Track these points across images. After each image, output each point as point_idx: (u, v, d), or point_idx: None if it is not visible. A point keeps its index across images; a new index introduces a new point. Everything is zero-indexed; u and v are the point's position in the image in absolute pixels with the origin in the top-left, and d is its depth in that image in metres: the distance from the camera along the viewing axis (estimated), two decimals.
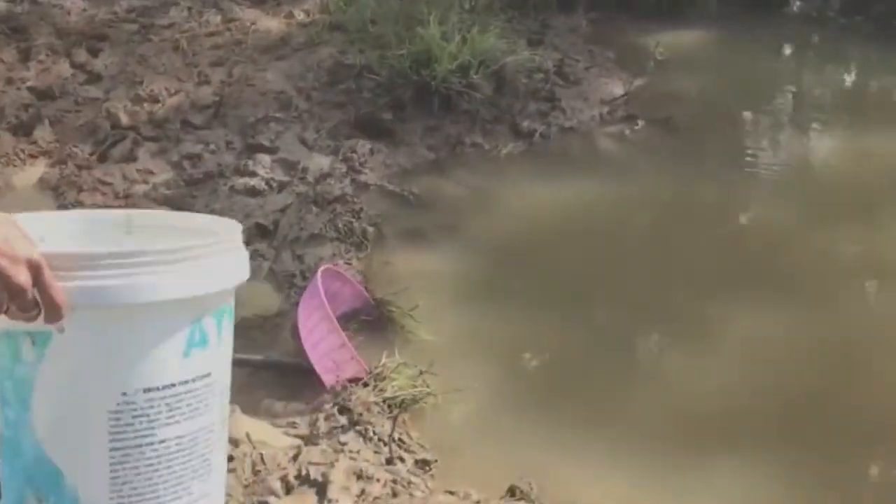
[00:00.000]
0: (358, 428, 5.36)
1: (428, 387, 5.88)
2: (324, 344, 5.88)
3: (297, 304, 6.56)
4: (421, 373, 5.95)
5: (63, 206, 8.24)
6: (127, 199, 8.50)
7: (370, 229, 7.84)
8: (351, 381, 5.83)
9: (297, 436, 5.60)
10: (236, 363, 2.44)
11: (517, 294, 7.06)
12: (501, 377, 6.17)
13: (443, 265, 7.54)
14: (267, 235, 7.88)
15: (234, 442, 5.35)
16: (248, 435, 5.27)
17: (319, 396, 5.90)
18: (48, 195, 8.56)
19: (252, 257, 7.52)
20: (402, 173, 8.98)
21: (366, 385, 5.78)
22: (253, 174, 8.72)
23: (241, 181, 8.56)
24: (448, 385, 5.89)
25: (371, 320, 6.63)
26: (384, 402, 5.68)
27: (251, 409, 5.82)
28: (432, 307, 6.83)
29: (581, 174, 8.83)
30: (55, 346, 1.73)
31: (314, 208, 8.03)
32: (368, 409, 5.57)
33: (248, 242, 7.45)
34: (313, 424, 5.58)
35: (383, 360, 5.95)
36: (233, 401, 2.71)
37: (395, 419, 5.49)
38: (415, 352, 6.33)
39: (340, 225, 7.68)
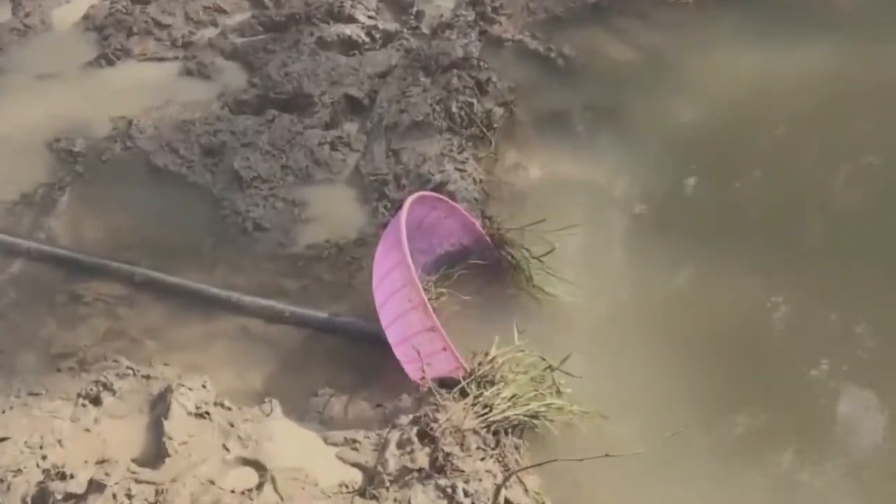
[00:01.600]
0: (442, 483, 3.37)
1: (560, 397, 3.81)
2: (403, 323, 3.83)
3: (382, 228, 4.50)
4: (550, 370, 3.86)
5: (104, 57, 6.30)
6: (186, 49, 6.47)
7: (498, 112, 5.57)
8: (443, 382, 3.80)
9: (355, 465, 3.69)
10: (292, 320, 2.97)
11: (713, 243, 4.73)
12: (683, 396, 3.99)
13: (598, 176, 5.27)
14: (358, 112, 5.74)
15: (255, 466, 3.55)
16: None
17: (399, 393, 3.91)
18: (90, 38, 6.63)
19: (334, 145, 5.63)
20: (550, 23, 6.52)
21: (464, 394, 3.74)
22: (351, 19, 6.49)
23: (333, 29, 6.36)
24: (596, 398, 3.81)
25: (485, 266, 4.50)
26: (489, 428, 3.65)
27: (297, 407, 3.94)
28: (578, 250, 4.65)
29: (814, 34, 6.11)
30: None
31: (423, 77, 5.78)
32: (463, 443, 3.56)
33: (333, 122, 5.36)
34: (381, 451, 3.64)
35: (493, 351, 3.85)
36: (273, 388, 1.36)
37: (504, 468, 3.48)
38: (546, 328, 4.23)
39: (456, 107, 5.43)
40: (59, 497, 3.28)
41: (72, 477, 3.33)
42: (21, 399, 3.90)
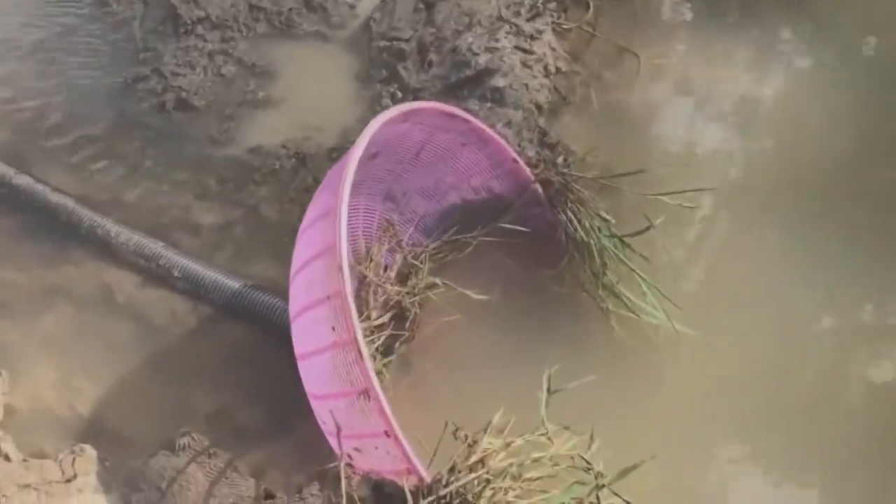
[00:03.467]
0: None
1: None
2: (321, 364, 1.97)
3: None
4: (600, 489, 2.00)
5: None
6: None
7: None
8: (381, 487, 1.95)
9: None
10: (183, 285, 2.30)
11: None
12: None
13: (768, 102, 3.11)
14: None
15: None
16: None
17: (317, 462, 2.11)
18: None
19: None
20: None
21: None
22: None
23: None
24: None
25: (525, 237, 2.54)
26: None
27: (142, 455, 2.21)
28: (699, 238, 2.64)
29: None
30: None
31: None
32: None
33: None
34: None
35: (485, 440, 1.99)
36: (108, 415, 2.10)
37: None
38: (618, 382, 2.33)
39: None
40: None
41: None
42: None
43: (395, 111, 2.17)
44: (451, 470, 1.94)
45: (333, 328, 1.90)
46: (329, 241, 1.92)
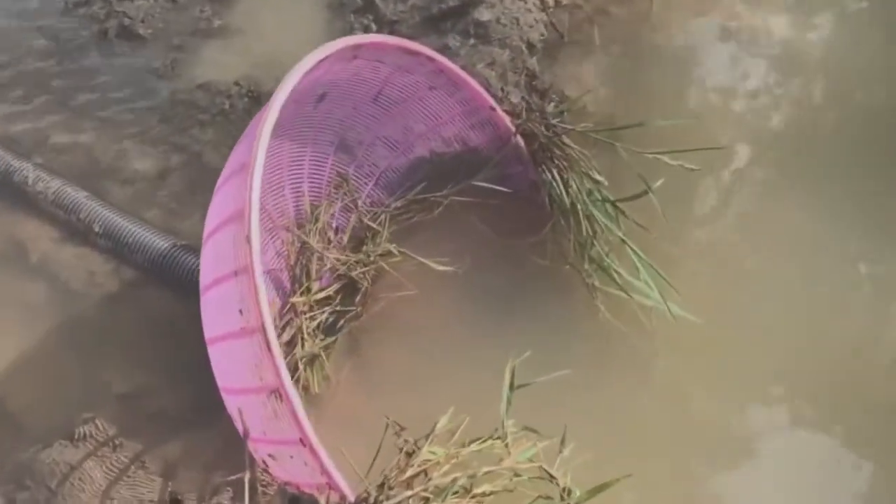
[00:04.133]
0: None
1: None
2: (230, 352, 1.62)
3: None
4: None
5: None
6: None
7: None
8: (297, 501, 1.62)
9: None
10: (104, 240, 2.05)
11: None
12: None
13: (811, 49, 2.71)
14: None
15: None
16: None
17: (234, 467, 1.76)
18: None
19: None
20: None
21: None
22: None
23: None
24: None
25: (507, 198, 2.18)
26: None
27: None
28: (712, 211, 2.27)
29: None
30: None
31: None
32: None
33: None
34: None
35: (425, 448, 1.64)
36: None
37: None
38: (603, 381, 1.99)
39: None
40: None
41: None
42: None
43: (339, 44, 1.79)
44: (382, 486, 1.60)
45: (241, 311, 1.55)
46: (240, 205, 1.56)
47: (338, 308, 2.02)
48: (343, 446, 1.83)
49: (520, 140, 2.20)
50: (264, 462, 1.68)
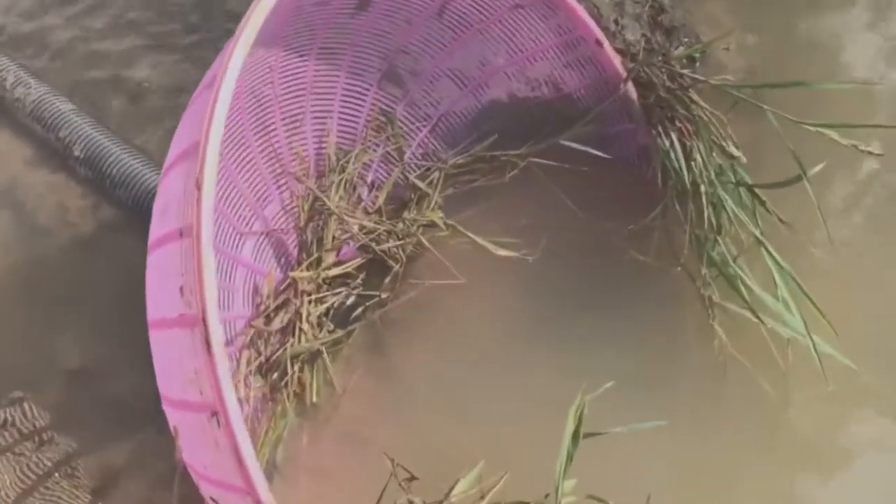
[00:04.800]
0: None
1: None
2: (169, 346, 1.11)
3: None
4: None
5: None
6: None
7: None
8: None
9: None
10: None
11: None
12: None
13: None
14: None
15: None
16: None
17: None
18: None
19: None
20: None
21: None
22: None
23: None
24: None
25: (607, 167, 1.59)
26: None
27: None
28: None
29: None
30: None
31: None
32: None
33: None
34: None
35: None
36: None
37: None
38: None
39: None
40: None
41: None
42: None
43: None
44: None
45: (181, 290, 1.04)
46: (195, 137, 1.04)
47: (357, 291, 1.50)
48: (342, 476, 1.35)
49: (632, 89, 1.61)
50: (212, 500, 1.18)
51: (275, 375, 1.41)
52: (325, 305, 1.46)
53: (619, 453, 1.30)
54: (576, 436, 1.26)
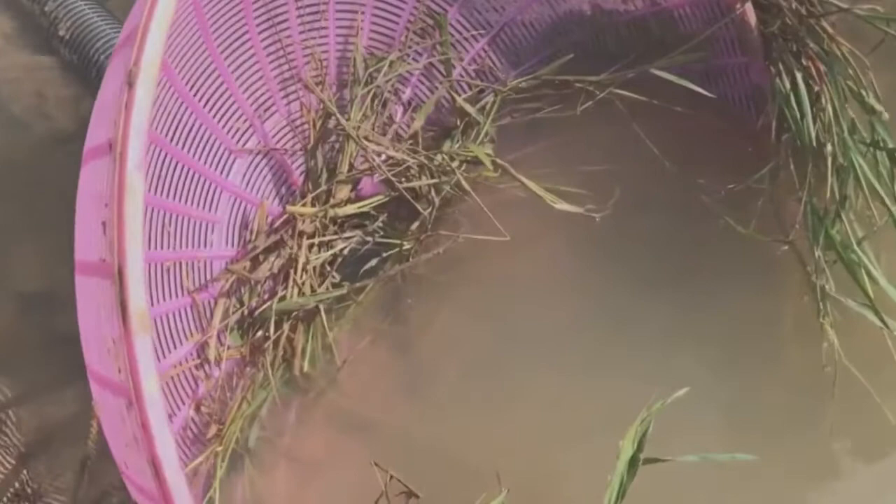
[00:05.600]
0: None
1: None
2: (92, 318, 0.81)
3: None
4: None
5: None
6: None
7: None
8: None
9: None
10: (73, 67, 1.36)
11: None
12: None
13: None
14: None
15: None
16: None
17: None
18: None
19: None
20: None
21: None
22: None
23: None
24: None
25: (720, 123, 1.24)
26: None
27: None
28: None
29: None
30: None
31: None
32: None
33: None
34: None
35: None
36: None
37: None
38: None
39: None
40: None
41: None
42: None
43: None
44: None
45: (104, 226, 0.74)
46: (135, 20, 0.73)
47: (374, 238, 1.18)
48: (333, 468, 1.09)
49: (751, 11, 1.25)
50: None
51: (258, 333, 1.11)
52: (330, 252, 1.16)
53: (683, 486, 1.00)
54: (633, 462, 0.96)
